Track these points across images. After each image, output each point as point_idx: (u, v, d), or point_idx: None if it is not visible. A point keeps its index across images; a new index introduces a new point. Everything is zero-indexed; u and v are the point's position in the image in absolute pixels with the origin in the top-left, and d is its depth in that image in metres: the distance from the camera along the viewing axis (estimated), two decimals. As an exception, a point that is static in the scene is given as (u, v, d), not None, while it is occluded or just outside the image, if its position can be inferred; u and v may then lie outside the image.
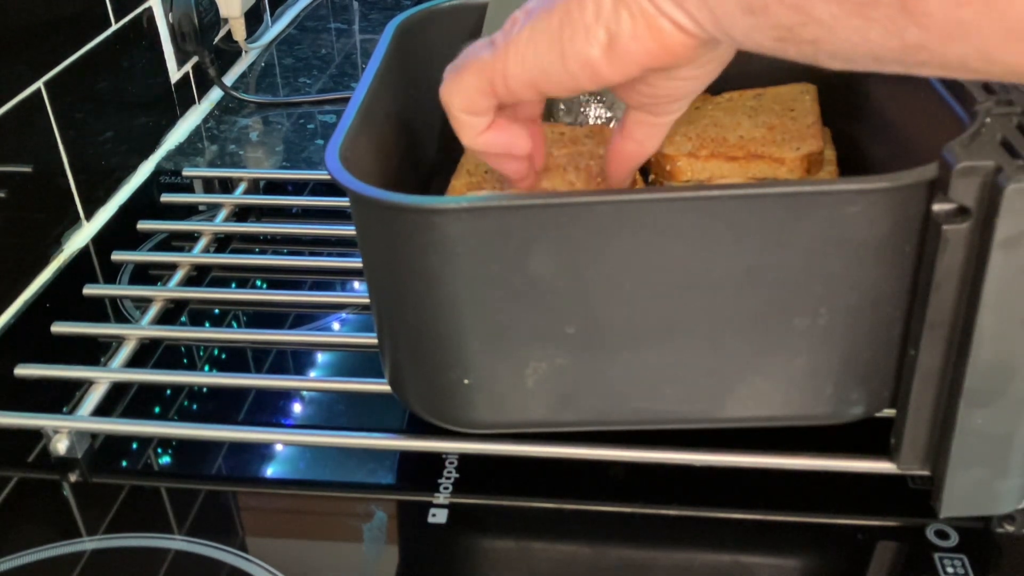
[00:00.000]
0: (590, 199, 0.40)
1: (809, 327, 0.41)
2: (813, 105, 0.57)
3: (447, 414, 0.47)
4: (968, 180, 0.36)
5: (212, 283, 0.68)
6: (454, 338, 0.43)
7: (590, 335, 0.43)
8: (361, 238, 0.45)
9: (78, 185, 0.74)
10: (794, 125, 0.56)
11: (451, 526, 0.47)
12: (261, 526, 0.49)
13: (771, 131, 0.55)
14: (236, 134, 0.90)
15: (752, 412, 0.44)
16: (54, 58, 0.71)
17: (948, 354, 0.40)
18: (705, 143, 0.55)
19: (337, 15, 1.19)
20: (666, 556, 0.45)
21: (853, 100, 0.56)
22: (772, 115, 0.57)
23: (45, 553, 0.47)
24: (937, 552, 0.44)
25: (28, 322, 0.64)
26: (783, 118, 0.56)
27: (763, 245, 0.40)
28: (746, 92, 0.60)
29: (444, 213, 0.40)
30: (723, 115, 0.58)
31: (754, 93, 0.59)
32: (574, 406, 0.45)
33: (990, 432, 0.40)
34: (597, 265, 0.41)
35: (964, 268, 0.38)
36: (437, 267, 0.41)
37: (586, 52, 0.35)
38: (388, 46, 0.55)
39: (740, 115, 0.57)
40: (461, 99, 0.40)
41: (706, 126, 0.57)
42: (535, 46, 0.36)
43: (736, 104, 0.58)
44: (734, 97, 0.59)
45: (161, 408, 0.56)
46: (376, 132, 0.50)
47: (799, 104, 0.58)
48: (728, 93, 0.60)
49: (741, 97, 0.59)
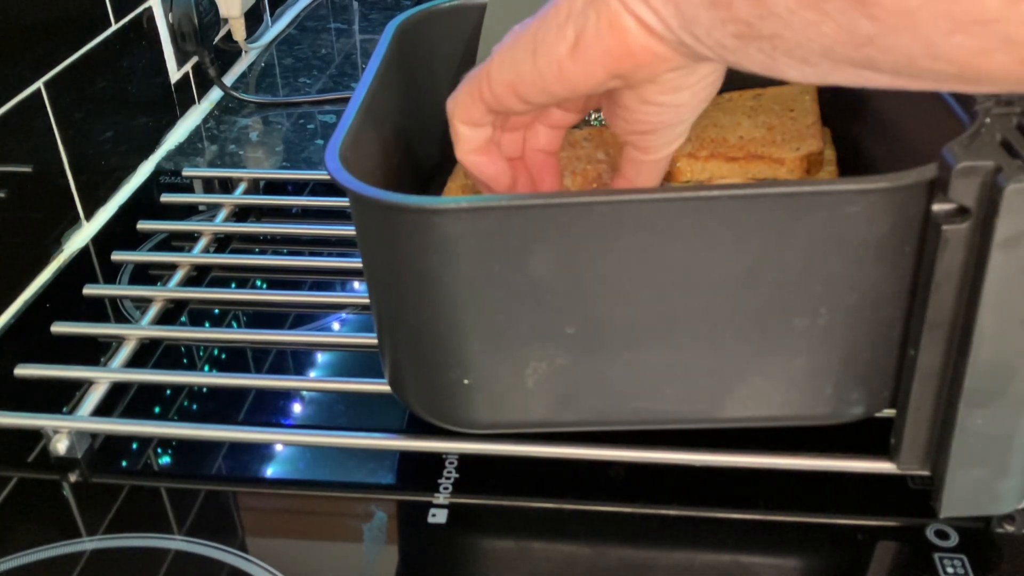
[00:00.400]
0: (590, 199, 0.40)
1: (809, 327, 0.41)
2: (813, 105, 0.57)
3: (447, 414, 0.47)
4: (968, 180, 0.36)
5: (212, 283, 0.68)
6: (454, 338, 0.43)
7: (590, 335, 0.43)
8: (361, 239, 0.45)
9: (78, 185, 0.74)
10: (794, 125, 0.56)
11: (451, 526, 0.47)
12: (261, 526, 0.49)
13: (771, 131, 0.55)
14: (236, 134, 0.90)
15: (752, 412, 0.44)
16: (54, 58, 0.71)
17: (948, 354, 0.40)
18: (704, 143, 0.55)
19: (337, 15, 1.19)
20: (666, 556, 0.45)
21: (852, 100, 0.56)
22: (772, 115, 0.57)
23: (45, 553, 0.47)
24: (937, 552, 0.44)
25: (28, 322, 0.64)
26: (783, 118, 0.56)
27: (763, 245, 0.40)
28: (746, 92, 0.60)
29: (444, 213, 0.40)
30: (722, 115, 0.58)
31: (753, 93, 0.60)
32: (574, 406, 0.45)
33: (990, 432, 0.40)
34: (597, 265, 0.41)
35: (964, 268, 0.38)
36: (437, 267, 0.41)
37: (555, 50, 0.36)
38: (388, 46, 0.55)
39: (739, 115, 0.57)
40: (460, 109, 0.41)
41: (705, 126, 0.57)
42: (515, 49, 0.37)
43: (736, 104, 0.58)
44: (733, 97, 0.59)
45: (161, 408, 0.56)
46: (376, 133, 0.51)
47: (799, 104, 0.58)
48: (728, 93, 0.60)
49: (741, 97, 0.59)
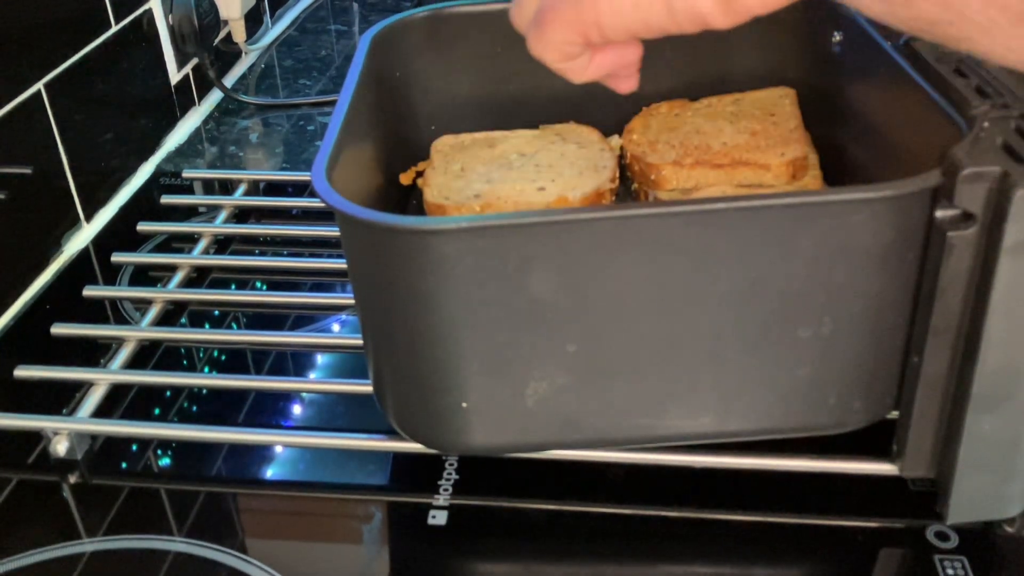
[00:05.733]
0: (590, 216, 0.39)
1: (813, 337, 0.41)
2: (794, 109, 0.58)
3: (444, 439, 0.46)
4: (974, 186, 0.36)
5: (212, 284, 0.67)
6: (451, 361, 0.42)
7: (592, 353, 0.42)
8: (351, 261, 0.44)
9: (78, 186, 0.74)
10: (776, 130, 0.56)
11: (451, 528, 0.47)
12: (261, 528, 0.49)
13: (754, 136, 0.55)
14: (236, 136, 0.90)
15: (755, 425, 0.44)
16: (54, 59, 0.71)
17: (953, 360, 0.40)
18: (689, 151, 0.54)
19: (337, 17, 1.19)
20: (666, 558, 0.45)
21: (831, 103, 0.56)
22: (753, 120, 0.57)
23: (45, 555, 0.47)
24: (937, 554, 0.44)
25: (28, 323, 0.64)
26: (764, 123, 0.56)
27: (767, 257, 0.40)
28: (724, 97, 0.60)
29: (441, 234, 0.39)
30: (704, 122, 0.58)
31: (732, 98, 0.60)
32: (575, 426, 0.44)
33: (997, 437, 0.40)
34: (598, 282, 0.40)
35: (970, 274, 0.38)
36: (434, 289, 0.40)
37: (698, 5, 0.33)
38: (364, 58, 0.54)
39: (721, 121, 0.57)
40: (554, 52, 0.38)
41: (688, 133, 0.57)
42: None
43: (716, 110, 0.58)
44: (712, 103, 0.59)
45: (161, 410, 0.56)
46: (357, 148, 0.50)
47: (779, 109, 0.58)
48: (706, 99, 0.60)
49: (720, 103, 0.59)
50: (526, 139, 0.60)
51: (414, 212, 0.58)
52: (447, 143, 0.60)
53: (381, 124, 0.56)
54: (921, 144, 0.42)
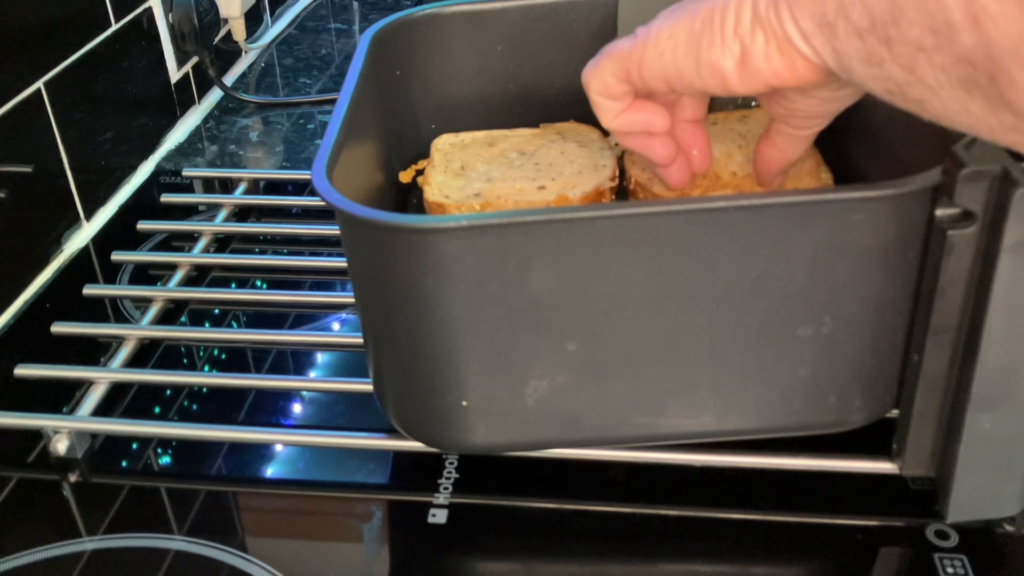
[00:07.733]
0: (590, 214, 0.39)
1: (813, 336, 0.41)
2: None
3: (444, 438, 0.46)
4: (974, 185, 0.36)
5: (212, 283, 0.67)
6: (451, 360, 0.42)
7: (592, 351, 0.42)
8: (351, 261, 0.44)
9: (78, 185, 0.74)
10: None
11: (451, 526, 0.47)
12: (261, 526, 0.49)
13: None
14: (236, 134, 0.90)
15: (755, 424, 0.44)
16: (54, 58, 0.71)
17: (953, 359, 0.40)
18: (698, 181, 0.53)
19: (337, 15, 1.19)
20: (666, 556, 0.45)
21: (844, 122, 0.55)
22: None
23: (45, 553, 0.47)
24: (937, 552, 0.44)
25: (28, 322, 0.64)
26: None
27: (768, 256, 0.40)
28: (731, 114, 0.59)
29: (442, 232, 0.39)
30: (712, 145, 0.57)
31: (740, 115, 0.58)
32: (575, 424, 0.44)
33: (997, 436, 0.40)
34: (599, 280, 0.40)
35: (970, 272, 0.38)
36: (434, 288, 0.40)
37: (720, 63, 0.36)
38: (364, 57, 0.54)
39: (730, 145, 0.55)
40: (598, 83, 0.41)
41: None
42: (674, 46, 0.38)
43: (723, 129, 0.57)
44: (719, 119, 0.58)
45: (161, 408, 0.56)
46: (358, 147, 0.50)
47: None
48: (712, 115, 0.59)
49: (727, 120, 0.58)
50: (526, 138, 0.60)
51: (414, 211, 0.58)
52: (447, 141, 0.60)
53: (381, 123, 0.56)
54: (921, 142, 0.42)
